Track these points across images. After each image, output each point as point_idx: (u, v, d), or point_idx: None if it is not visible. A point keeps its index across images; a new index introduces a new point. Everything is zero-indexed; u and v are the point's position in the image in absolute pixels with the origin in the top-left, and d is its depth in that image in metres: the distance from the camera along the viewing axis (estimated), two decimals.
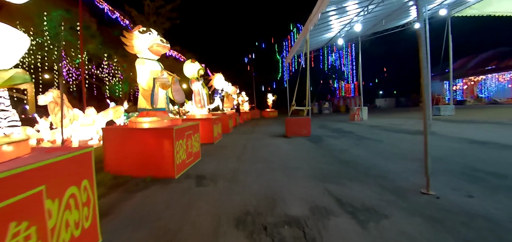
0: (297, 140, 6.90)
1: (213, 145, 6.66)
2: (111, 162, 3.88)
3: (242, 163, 4.47)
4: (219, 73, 10.48)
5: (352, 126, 10.38)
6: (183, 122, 4.59)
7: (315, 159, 4.55)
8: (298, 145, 6.18)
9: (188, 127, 4.29)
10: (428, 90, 2.80)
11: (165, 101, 4.26)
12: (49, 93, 6.17)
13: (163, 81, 3.97)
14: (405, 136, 6.82)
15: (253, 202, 2.65)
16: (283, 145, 6.20)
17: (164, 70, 4.22)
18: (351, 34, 13.14)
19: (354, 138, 6.87)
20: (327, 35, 12.21)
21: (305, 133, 7.57)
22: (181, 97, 4.57)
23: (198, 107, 7.26)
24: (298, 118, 7.67)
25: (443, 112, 14.27)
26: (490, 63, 30.68)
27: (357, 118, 13.02)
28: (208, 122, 6.93)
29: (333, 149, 5.42)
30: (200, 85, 7.23)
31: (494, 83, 31.80)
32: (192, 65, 7.17)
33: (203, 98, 7.35)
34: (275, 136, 8.15)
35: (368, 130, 8.75)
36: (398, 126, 9.34)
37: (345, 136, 7.37)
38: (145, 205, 2.71)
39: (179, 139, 3.84)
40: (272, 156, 4.98)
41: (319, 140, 6.87)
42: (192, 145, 4.44)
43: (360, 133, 8.04)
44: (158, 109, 4.13)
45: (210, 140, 6.92)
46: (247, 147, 6.21)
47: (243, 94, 20.59)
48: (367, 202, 2.53)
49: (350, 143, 6.15)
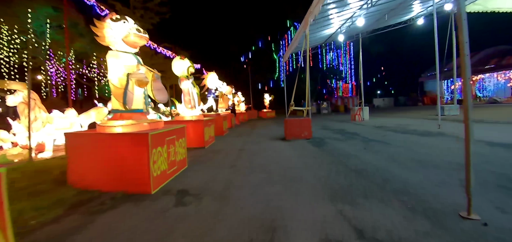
0: (298, 143, 6.28)
1: (204, 150, 6.01)
2: (75, 174, 3.22)
3: (235, 173, 3.83)
4: (212, 72, 9.84)
5: (355, 127, 9.79)
6: (166, 125, 3.94)
7: (320, 167, 3.93)
8: (300, 149, 5.56)
9: (170, 131, 3.64)
10: (467, 84, 2.20)
11: (143, 101, 3.62)
12: (18, 93, 5.48)
13: (138, 77, 3.32)
14: (415, 138, 6.24)
15: (245, 233, 2.01)
16: (283, 150, 5.57)
17: (141, 65, 3.58)
18: (351, 31, 12.56)
19: (360, 141, 6.27)
20: (327, 32, 11.62)
21: (306, 135, 6.96)
22: (164, 97, 3.93)
23: (188, 107, 6.61)
24: (298, 119, 7.06)
25: (447, 112, 13.75)
26: (490, 62, 30.37)
27: (358, 118, 12.45)
28: (199, 124, 6.28)
29: (339, 154, 4.80)
30: (190, 84, 6.58)
31: (493, 82, 31.61)
32: (181, 62, 6.53)
33: (194, 98, 6.70)
34: (274, 138, 7.53)
35: (373, 131, 8.17)
36: (404, 127, 8.77)
37: (350, 138, 6.76)
38: (103, 235, 2.06)
39: (158, 146, 3.20)
40: (271, 163, 4.35)
41: (322, 143, 6.26)
42: (176, 152, 3.80)
43: (365, 134, 7.44)
44: (133, 111, 3.48)
45: (200, 144, 6.27)
46: (243, 151, 5.57)
47: (239, 94, 19.94)
48: (395, 233, 1.91)
49: (357, 146, 5.55)
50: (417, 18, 12.80)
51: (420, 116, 13.84)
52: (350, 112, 25.45)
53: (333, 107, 29.57)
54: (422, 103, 39.76)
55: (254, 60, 33.49)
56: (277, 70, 33.79)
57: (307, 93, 7.13)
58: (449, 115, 13.76)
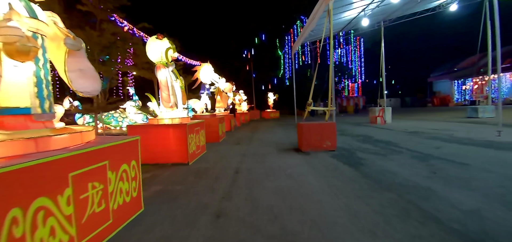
0: (320, 160, 4.40)
1: (186, 168, 4.16)
2: None
3: (221, 234, 1.97)
4: (206, 63, 7.99)
5: (382, 133, 7.88)
6: (99, 140, 2.10)
7: (385, 223, 2.05)
8: (327, 171, 3.68)
9: (83, 156, 1.75)
10: None
11: (34, 94, 1.76)
12: None
13: (5, 37, 1.49)
14: (485, 152, 4.34)
15: None
16: (302, 173, 3.70)
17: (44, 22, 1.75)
18: (376, 15, 10.54)
19: (410, 156, 4.38)
20: (347, 15, 9.66)
21: (329, 146, 5.09)
22: (88, 85, 2.09)
23: (166, 106, 4.76)
24: (317, 124, 5.17)
25: (481, 114, 11.85)
26: (505, 61, 28.38)
27: (381, 121, 10.54)
28: (180, 131, 4.43)
29: (397, 185, 2.92)
30: (169, 73, 4.74)
31: (506, 82, 29.64)
32: (157, 43, 4.70)
33: (176, 93, 4.86)
34: (283, 149, 5.66)
35: (411, 139, 6.26)
36: (448, 133, 6.86)
37: (391, 151, 4.87)
38: None
39: (43, 193, 1.35)
40: (287, 207, 2.47)
41: (355, 159, 4.38)
42: (104, 200, 1.93)
43: (405, 144, 5.54)
44: (10, 111, 1.65)
45: (183, 160, 4.42)
46: (240, 176, 3.71)
47: (240, 92, 18.11)
48: None
49: (414, 167, 3.66)
50: (449, 4, 10.84)
51: (448, 119, 11.93)
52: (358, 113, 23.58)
53: (341, 108, 27.64)
54: (431, 104, 37.64)
55: (257, 56, 31.54)
56: (281, 67, 31.78)
57: (330, 86, 5.25)
58: (483, 117, 11.84)
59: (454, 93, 38.62)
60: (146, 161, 4.39)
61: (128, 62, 8.16)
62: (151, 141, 4.44)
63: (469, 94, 36.03)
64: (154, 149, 4.43)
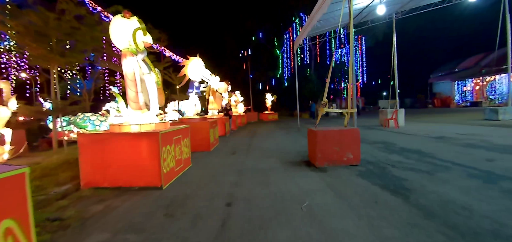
0: (344, 181, 3.21)
1: (157, 196, 2.92)
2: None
3: None
4: (196, 57, 6.78)
5: (405, 139, 6.72)
6: None
7: None
8: (364, 204, 2.48)
9: None
10: None
11: None
12: None
13: None
14: None
15: None
16: (326, 205, 2.49)
17: None
18: (394, 3, 9.39)
19: (468, 176, 3.20)
20: (359, 3, 8.48)
21: (351, 159, 3.90)
22: None
23: (133, 107, 3.51)
24: (334, 131, 3.96)
25: (501, 116, 10.80)
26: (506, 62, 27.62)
27: (395, 124, 9.40)
28: (151, 141, 3.19)
29: (481, 231, 1.74)
30: (138, 64, 3.52)
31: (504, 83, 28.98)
32: (124, 22, 3.46)
33: (147, 90, 3.63)
34: (291, 162, 4.45)
35: (447, 147, 5.11)
36: (477, 138, 5.75)
37: (435, 167, 3.68)
38: None
39: None
40: None
41: (391, 179, 3.19)
42: None
43: (447, 156, 4.35)
44: None
45: (154, 182, 3.17)
46: (234, 207, 2.49)
47: (237, 93, 16.87)
48: None
49: (492, 198, 2.49)
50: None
51: (463, 121, 10.89)
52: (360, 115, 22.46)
53: None
54: (432, 105, 36.81)
55: (254, 56, 30.32)
56: (280, 67, 30.56)
57: (350, 80, 4.08)
58: (503, 119, 10.82)
59: (454, 94, 37.93)
60: (104, 183, 3.16)
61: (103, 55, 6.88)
62: (112, 156, 3.19)
63: (470, 96, 35.38)
64: (115, 167, 3.18)
